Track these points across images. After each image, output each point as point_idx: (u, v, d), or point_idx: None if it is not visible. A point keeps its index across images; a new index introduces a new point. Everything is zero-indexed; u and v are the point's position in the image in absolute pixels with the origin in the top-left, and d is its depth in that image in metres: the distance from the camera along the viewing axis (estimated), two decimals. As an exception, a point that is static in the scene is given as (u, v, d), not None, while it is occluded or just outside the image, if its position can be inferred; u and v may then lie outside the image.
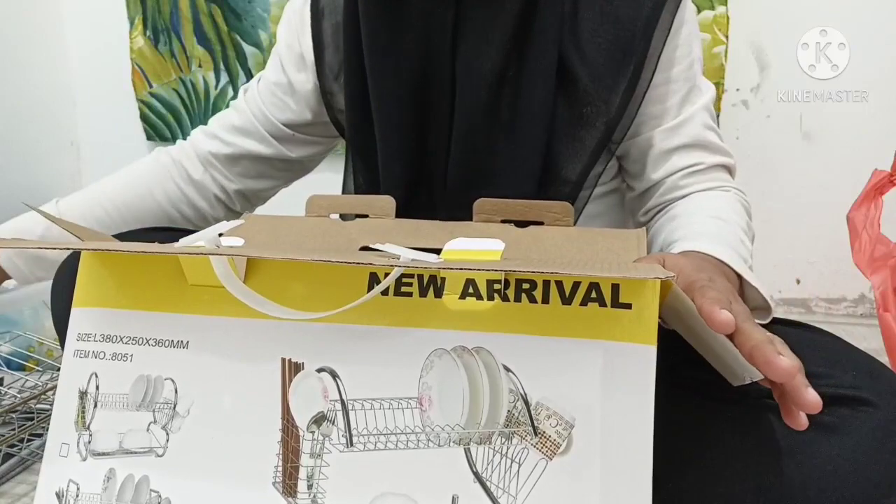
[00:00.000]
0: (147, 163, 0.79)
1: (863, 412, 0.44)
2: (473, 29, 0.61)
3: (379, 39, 0.64)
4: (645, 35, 0.61)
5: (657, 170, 0.65)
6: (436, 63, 0.63)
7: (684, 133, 0.64)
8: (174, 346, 0.42)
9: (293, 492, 0.38)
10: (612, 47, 0.61)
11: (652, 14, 0.61)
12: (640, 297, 0.36)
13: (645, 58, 0.61)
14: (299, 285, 0.41)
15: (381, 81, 0.64)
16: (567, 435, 0.35)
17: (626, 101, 0.62)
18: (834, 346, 0.50)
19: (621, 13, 0.61)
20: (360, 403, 0.38)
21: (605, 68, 0.61)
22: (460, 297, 0.38)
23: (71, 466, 0.42)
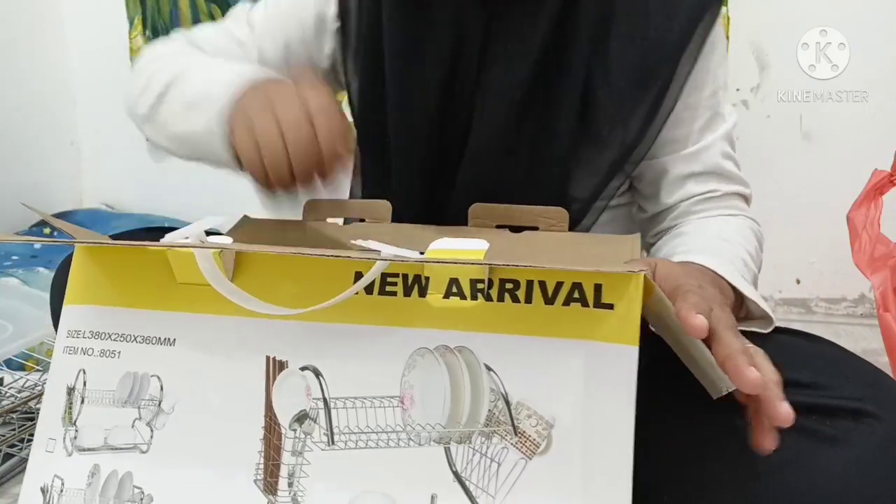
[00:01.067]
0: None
1: (865, 424, 0.44)
2: (503, 43, 0.60)
3: (402, 45, 0.62)
4: (672, 59, 0.60)
5: (671, 195, 0.65)
6: (461, 74, 0.61)
7: (702, 160, 0.63)
8: (161, 343, 0.42)
9: (274, 489, 0.38)
10: (637, 69, 0.60)
11: (681, 39, 0.60)
12: (622, 297, 0.36)
13: (670, 83, 0.60)
14: (287, 284, 0.41)
15: (401, 88, 0.62)
16: (547, 435, 0.35)
17: (646, 125, 0.61)
18: (837, 356, 0.50)
19: (651, 34, 0.60)
20: (343, 402, 0.38)
21: (628, 90, 0.60)
22: (444, 296, 0.38)
23: (56, 462, 0.42)
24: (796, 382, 0.47)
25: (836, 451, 0.43)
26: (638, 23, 0.60)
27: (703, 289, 0.41)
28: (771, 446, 0.39)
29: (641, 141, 0.62)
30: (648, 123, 0.61)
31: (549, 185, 0.62)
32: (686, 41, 0.60)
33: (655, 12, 0.60)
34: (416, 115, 0.63)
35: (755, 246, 0.61)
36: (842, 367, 0.48)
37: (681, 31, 0.60)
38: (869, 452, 0.43)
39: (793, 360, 0.49)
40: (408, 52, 0.61)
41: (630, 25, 0.60)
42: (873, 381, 0.46)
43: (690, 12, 0.60)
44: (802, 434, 0.44)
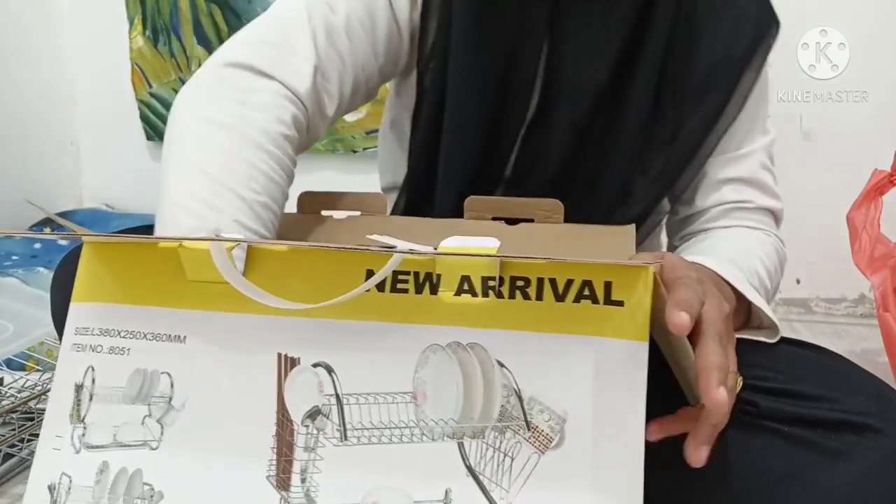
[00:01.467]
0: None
1: (869, 439, 0.44)
2: (576, 43, 0.60)
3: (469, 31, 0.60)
4: (735, 74, 0.61)
5: (707, 198, 0.65)
6: (522, 63, 0.60)
7: (741, 167, 0.64)
8: (171, 340, 0.42)
9: (287, 485, 0.38)
10: (702, 79, 0.61)
11: (745, 56, 0.61)
12: (632, 294, 0.36)
13: (731, 96, 0.61)
14: (297, 281, 0.41)
15: (460, 74, 0.61)
16: (559, 429, 0.35)
17: (705, 133, 0.62)
18: (843, 369, 0.50)
19: (717, 48, 0.61)
20: (355, 398, 0.38)
21: (693, 98, 0.61)
22: (455, 293, 0.38)
23: (64, 459, 0.42)
24: (802, 395, 0.47)
25: (840, 466, 0.43)
26: (707, 36, 0.61)
27: (701, 283, 0.41)
28: (697, 461, 0.38)
29: (700, 147, 0.62)
30: (708, 132, 0.62)
31: (615, 186, 0.62)
32: (749, 59, 0.61)
33: (725, 28, 0.61)
34: (470, 107, 0.62)
35: (775, 265, 0.61)
36: (848, 381, 0.48)
37: (745, 49, 0.61)
38: (872, 468, 0.43)
39: (799, 372, 0.49)
40: (471, 44, 0.60)
41: (700, 36, 0.61)
42: (878, 395, 0.46)
43: (755, 32, 0.62)
44: (806, 447, 0.45)
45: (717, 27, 0.61)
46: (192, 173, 0.52)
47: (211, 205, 0.50)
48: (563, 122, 0.61)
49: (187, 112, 0.56)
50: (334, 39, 0.59)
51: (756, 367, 0.49)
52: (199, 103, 0.56)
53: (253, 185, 0.52)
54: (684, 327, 0.35)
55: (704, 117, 0.62)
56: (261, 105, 0.55)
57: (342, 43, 0.59)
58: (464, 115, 0.62)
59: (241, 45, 0.59)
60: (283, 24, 0.59)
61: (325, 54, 0.59)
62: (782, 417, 0.46)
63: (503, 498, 0.36)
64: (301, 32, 0.58)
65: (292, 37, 0.58)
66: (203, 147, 0.53)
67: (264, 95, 0.56)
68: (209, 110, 0.55)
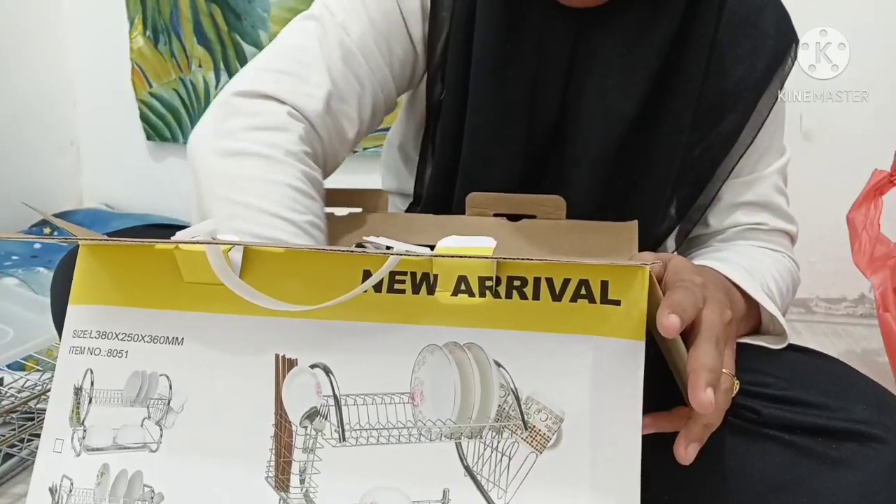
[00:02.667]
0: None
1: (871, 448, 0.44)
2: (601, 71, 0.57)
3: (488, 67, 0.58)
4: (753, 99, 0.60)
5: (720, 221, 0.65)
6: (547, 96, 0.58)
7: (755, 191, 0.63)
8: (169, 342, 0.42)
9: (286, 486, 0.38)
10: (719, 102, 0.60)
11: (762, 80, 0.60)
12: (628, 293, 0.36)
13: (747, 120, 0.61)
14: (294, 282, 0.41)
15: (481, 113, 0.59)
16: (557, 429, 0.36)
17: (721, 156, 0.61)
18: (846, 377, 0.50)
19: (736, 72, 0.60)
20: (353, 399, 0.38)
21: (710, 122, 0.60)
22: (452, 293, 0.38)
23: (65, 462, 0.42)
24: (803, 402, 0.47)
25: (840, 475, 0.43)
26: (726, 59, 0.60)
27: (703, 288, 0.40)
28: (684, 458, 0.38)
29: (717, 170, 0.62)
30: (724, 155, 0.61)
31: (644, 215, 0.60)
32: (766, 83, 0.60)
33: (743, 51, 0.60)
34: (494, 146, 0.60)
35: (788, 286, 0.61)
36: (850, 389, 0.48)
37: (763, 74, 0.60)
38: (873, 477, 0.43)
39: (800, 379, 0.49)
40: (492, 74, 0.58)
41: (721, 61, 0.60)
42: (881, 404, 0.46)
43: (773, 54, 0.60)
44: (807, 456, 0.44)
45: (736, 51, 0.60)
46: (235, 210, 0.50)
47: (264, 237, 0.49)
48: (588, 157, 0.59)
49: (206, 149, 0.55)
50: (350, 63, 0.58)
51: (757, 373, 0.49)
52: (216, 138, 0.55)
53: (297, 207, 0.52)
54: (672, 330, 0.35)
55: (721, 141, 0.61)
56: (278, 126, 0.54)
57: (359, 66, 0.58)
58: (485, 155, 0.60)
59: (253, 73, 0.58)
60: (296, 51, 0.58)
61: (343, 78, 0.58)
62: (783, 425, 0.46)
63: (501, 497, 0.36)
64: (314, 59, 0.57)
65: (305, 63, 0.57)
66: (235, 181, 0.52)
67: (278, 117, 0.55)
68: (228, 143, 0.54)
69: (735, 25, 0.60)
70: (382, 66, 0.60)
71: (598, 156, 0.58)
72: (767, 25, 0.61)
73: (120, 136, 1.68)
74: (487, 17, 0.57)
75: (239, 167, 0.52)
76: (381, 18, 0.59)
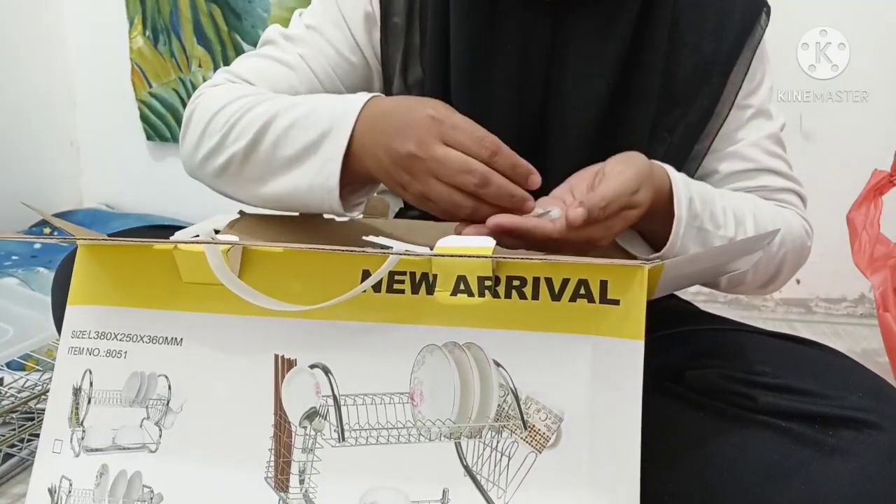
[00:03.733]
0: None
1: (868, 435, 0.44)
2: (577, 57, 0.59)
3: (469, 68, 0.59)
4: (724, 71, 0.60)
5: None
6: (531, 92, 0.60)
7: (748, 159, 0.63)
8: (168, 342, 0.42)
9: (285, 486, 0.38)
10: (693, 79, 0.60)
11: (732, 51, 0.60)
12: (627, 293, 0.36)
13: (721, 94, 0.61)
14: (293, 282, 0.41)
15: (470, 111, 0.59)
16: (556, 428, 0.36)
17: (697, 132, 0.61)
18: (843, 366, 0.50)
19: (705, 46, 0.60)
20: (353, 399, 0.38)
21: (684, 100, 0.60)
22: (451, 293, 0.38)
23: (64, 463, 0.42)
24: (800, 390, 0.47)
25: (838, 462, 0.43)
26: (694, 35, 0.60)
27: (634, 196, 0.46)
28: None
29: (694, 146, 0.62)
30: (700, 130, 0.61)
31: None
32: (737, 53, 0.60)
33: (710, 24, 0.60)
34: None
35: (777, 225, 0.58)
36: (848, 378, 0.48)
37: (733, 44, 0.60)
38: (870, 464, 0.43)
39: (797, 368, 0.49)
40: (475, 72, 0.59)
41: (687, 35, 0.60)
42: (877, 392, 0.47)
43: (741, 25, 0.60)
44: (804, 444, 0.45)
45: (704, 26, 0.60)
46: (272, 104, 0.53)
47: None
48: (570, 138, 0.60)
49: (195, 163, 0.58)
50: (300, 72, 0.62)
51: (753, 361, 0.49)
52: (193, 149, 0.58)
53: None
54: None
55: (696, 115, 0.61)
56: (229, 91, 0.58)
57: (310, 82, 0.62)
58: None
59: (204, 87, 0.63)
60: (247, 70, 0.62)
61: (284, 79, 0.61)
62: (780, 412, 0.46)
63: (500, 497, 0.36)
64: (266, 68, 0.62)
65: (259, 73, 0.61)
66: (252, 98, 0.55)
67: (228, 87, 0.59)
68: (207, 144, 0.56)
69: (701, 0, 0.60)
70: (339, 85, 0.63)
71: (577, 142, 0.60)
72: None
73: (120, 136, 1.68)
74: (463, 18, 0.58)
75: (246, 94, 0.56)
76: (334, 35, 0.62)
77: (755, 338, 0.55)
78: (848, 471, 0.43)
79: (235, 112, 0.54)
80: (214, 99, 0.57)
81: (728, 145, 0.63)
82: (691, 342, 0.57)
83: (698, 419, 0.49)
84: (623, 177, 0.46)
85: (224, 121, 0.54)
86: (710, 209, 0.53)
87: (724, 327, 0.60)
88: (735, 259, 0.50)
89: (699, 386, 0.51)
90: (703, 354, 0.54)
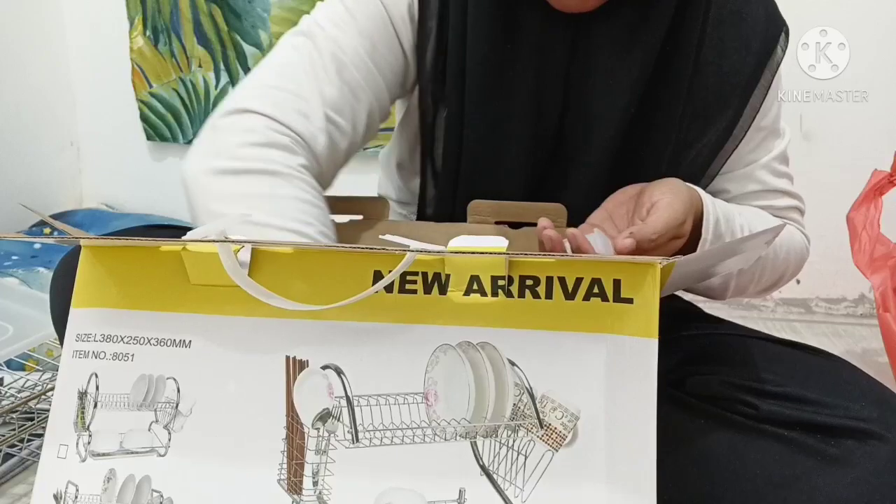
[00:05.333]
0: None
1: (869, 445, 0.44)
2: (599, 72, 0.57)
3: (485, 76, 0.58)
4: (745, 94, 0.60)
5: None
6: (548, 100, 0.58)
7: (756, 180, 0.64)
8: (176, 345, 0.42)
9: (298, 489, 0.38)
10: (713, 100, 0.60)
11: (753, 74, 0.60)
12: (641, 291, 0.36)
13: (740, 116, 0.61)
14: (303, 283, 0.40)
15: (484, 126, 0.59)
16: (573, 427, 0.36)
17: (715, 151, 0.61)
18: (846, 375, 0.50)
19: (725, 66, 0.60)
20: (366, 399, 0.38)
21: (702, 118, 0.60)
22: (465, 293, 0.38)
23: (69, 468, 0.41)
24: (802, 399, 0.47)
25: (839, 472, 0.43)
26: (716, 55, 0.59)
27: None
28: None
29: (710, 165, 0.62)
30: (718, 149, 0.61)
31: None
32: (757, 77, 0.60)
33: (731, 45, 0.60)
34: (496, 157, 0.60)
35: (782, 241, 0.60)
36: (851, 387, 0.48)
37: (753, 68, 0.60)
38: (871, 475, 0.43)
39: (799, 376, 0.49)
40: (490, 85, 0.58)
41: (710, 56, 0.59)
42: (880, 401, 0.47)
43: (762, 46, 0.60)
44: (805, 453, 0.45)
45: (725, 45, 0.60)
46: (243, 230, 0.48)
47: None
48: (591, 154, 0.59)
49: (202, 169, 0.53)
50: (344, 75, 0.57)
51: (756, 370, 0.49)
52: (210, 158, 0.53)
53: (307, 219, 0.50)
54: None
55: (715, 136, 0.61)
56: (273, 142, 0.53)
57: (352, 78, 0.58)
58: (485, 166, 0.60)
59: (243, 92, 0.57)
60: (286, 68, 0.57)
61: (337, 91, 0.57)
62: (781, 421, 0.46)
63: (518, 496, 0.35)
64: (305, 74, 0.56)
65: (296, 79, 0.56)
66: (238, 199, 0.50)
67: (272, 134, 0.54)
68: (225, 162, 0.52)
69: (723, 19, 0.60)
70: (376, 76, 0.59)
71: (598, 157, 0.59)
72: (755, 17, 0.61)
73: (120, 136, 1.68)
74: (480, 28, 0.57)
75: (241, 185, 0.51)
76: (370, 27, 0.58)
77: (758, 344, 0.55)
78: (849, 481, 0.43)
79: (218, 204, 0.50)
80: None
81: (740, 167, 0.63)
82: (694, 346, 0.57)
83: (700, 426, 0.49)
84: (673, 209, 0.47)
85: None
86: (731, 228, 0.54)
87: (728, 332, 0.60)
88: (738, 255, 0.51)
89: (701, 392, 0.51)
90: (706, 360, 0.55)
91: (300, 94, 0.56)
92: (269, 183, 0.51)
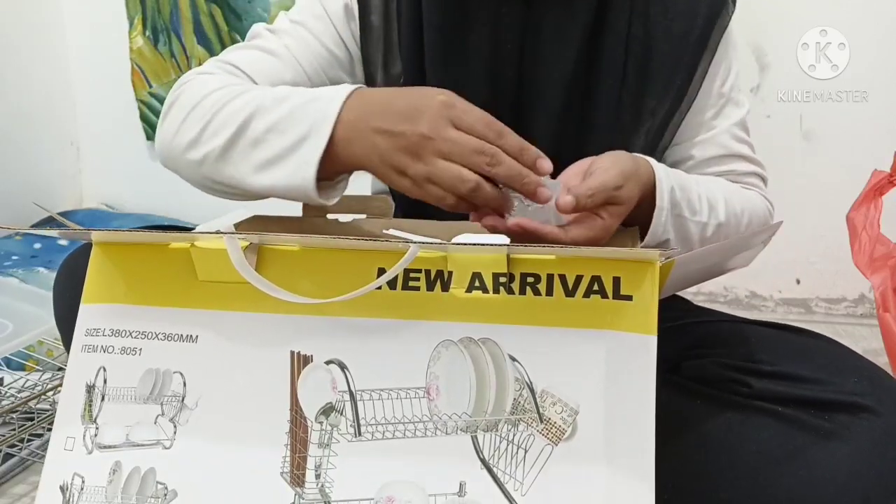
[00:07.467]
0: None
1: (863, 419, 0.45)
2: (546, 31, 0.61)
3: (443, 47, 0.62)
4: (694, 53, 0.62)
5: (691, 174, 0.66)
6: (504, 67, 0.62)
7: (719, 144, 0.65)
8: (183, 340, 0.42)
9: (301, 481, 0.38)
10: (663, 60, 0.62)
11: (702, 33, 0.62)
12: (640, 288, 0.37)
13: (692, 75, 0.62)
14: (307, 279, 0.41)
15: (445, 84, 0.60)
16: (572, 421, 0.36)
17: (670, 114, 0.63)
18: (836, 352, 0.51)
19: (675, 27, 0.62)
20: (369, 394, 0.38)
21: (656, 81, 0.62)
22: (467, 290, 0.39)
23: (76, 460, 0.42)
24: (794, 376, 0.47)
25: (834, 446, 0.44)
26: (662, 20, 0.62)
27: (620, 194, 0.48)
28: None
29: (666, 129, 0.63)
30: (673, 112, 0.63)
31: None
32: (705, 39, 0.62)
33: (680, 7, 0.62)
34: None
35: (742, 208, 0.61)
36: (842, 364, 0.49)
37: (701, 29, 0.62)
38: (866, 447, 0.44)
39: (793, 355, 0.50)
40: (449, 54, 0.61)
41: (656, 21, 0.62)
42: (872, 377, 0.48)
43: (709, 11, 0.62)
44: (801, 428, 0.45)
45: (676, 8, 0.62)
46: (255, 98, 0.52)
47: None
48: (542, 116, 0.62)
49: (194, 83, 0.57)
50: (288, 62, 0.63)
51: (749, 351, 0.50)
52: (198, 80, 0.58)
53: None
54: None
55: (671, 96, 0.63)
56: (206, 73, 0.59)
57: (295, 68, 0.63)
58: None
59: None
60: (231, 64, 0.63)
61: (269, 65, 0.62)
62: (776, 398, 0.47)
63: (517, 489, 0.36)
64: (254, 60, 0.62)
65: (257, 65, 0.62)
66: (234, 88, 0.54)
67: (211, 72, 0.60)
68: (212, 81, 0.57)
69: None
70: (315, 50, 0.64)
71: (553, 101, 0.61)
72: None
73: (120, 136, 1.68)
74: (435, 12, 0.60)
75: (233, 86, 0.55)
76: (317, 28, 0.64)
77: (750, 328, 0.57)
78: (845, 454, 0.44)
79: (215, 104, 0.53)
80: (197, 88, 0.56)
81: (703, 132, 0.65)
82: (688, 334, 0.58)
83: (696, 407, 0.49)
84: (608, 174, 0.48)
85: (203, 113, 0.53)
86: (687, 196, 0.55)
87: (720, 319, 0.61)
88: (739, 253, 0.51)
89: (696, 375, 0.52)
90: (700, 345, 0.56)
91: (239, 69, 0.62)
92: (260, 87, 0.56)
